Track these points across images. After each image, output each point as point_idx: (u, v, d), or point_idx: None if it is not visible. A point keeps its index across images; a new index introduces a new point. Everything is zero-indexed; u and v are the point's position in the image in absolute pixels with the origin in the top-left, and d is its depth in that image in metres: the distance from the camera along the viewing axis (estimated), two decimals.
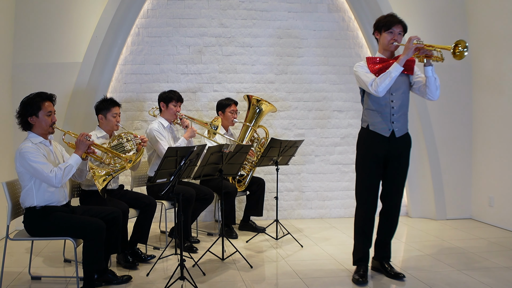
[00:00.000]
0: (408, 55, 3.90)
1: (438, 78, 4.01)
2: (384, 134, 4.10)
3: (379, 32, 4.16)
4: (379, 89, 3.94)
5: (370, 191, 4.19)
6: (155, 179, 4.05)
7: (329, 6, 6.71)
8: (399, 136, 4.12)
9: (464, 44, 3.70)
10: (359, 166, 4.26)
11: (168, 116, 5.39)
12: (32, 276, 4.28)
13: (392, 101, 4.08)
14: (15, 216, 4.01)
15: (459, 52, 3.71)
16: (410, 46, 3.87)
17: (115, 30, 6.13)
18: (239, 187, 5.80)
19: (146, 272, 4.38)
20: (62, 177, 3.82)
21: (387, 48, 4.11)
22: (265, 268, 4.57)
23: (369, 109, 4.18)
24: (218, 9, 6.53)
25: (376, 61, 4.11)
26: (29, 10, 5.98)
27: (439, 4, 6.56)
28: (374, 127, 4.14)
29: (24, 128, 3.98)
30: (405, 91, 4.13)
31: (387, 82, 3.92)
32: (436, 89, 4.02)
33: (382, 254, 4.35)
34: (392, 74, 3.91)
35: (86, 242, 3.85)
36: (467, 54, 3.71)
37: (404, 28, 4.12)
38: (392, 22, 4.08)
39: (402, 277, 4.17)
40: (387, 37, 4.08)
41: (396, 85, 4.06)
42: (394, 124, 4.09)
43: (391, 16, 4.14)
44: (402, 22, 4.11)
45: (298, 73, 6.70)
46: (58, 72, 6.01)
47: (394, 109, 4.08)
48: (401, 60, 3.91)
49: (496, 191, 6.21)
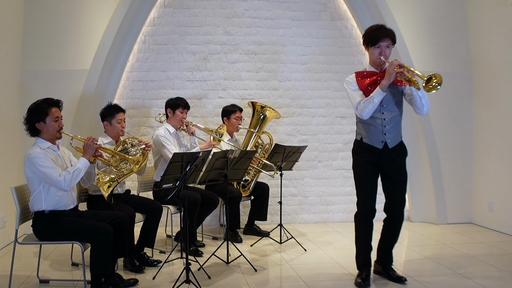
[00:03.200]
0: (390, 79, 3.87)
1: (425, 95, 3.97)
2: (377, 146, 4.10)
3: (367, 46, 4.13)
4: (363, 114, 3.99)
5: (368, 196, 4.19)
6: (161, 184, 4.07)
7: (332, 14, 6.76)
8: (392, 146, 4.11)
9: (440, 79, 3.64)
10: (356, 173, 4.27)
11: (175, 123, 5.43)
12: (40, 280, 4.30)
13: (383, 113, 4.07)
14: (23, 221, 4.02)
15: (431, 85, 3.66)
16: (390, 71, 3.85)
17: (122, 38, 6.18)
18: (243, 192, 5.83)
19: (152, 275, 4.40)
20: (71, 180, 3.83)
21: (376, 62, 4.10)
22: (269, 272, 4.59)
23: (362, 122, 4.18)
24: (223, 17, 6.58)
25: (364, 74, 4.11)
26: (37, 18, 6.04)
27: (440, 12, 6.60)
28: (367, 139, 4.15)
29: (32, 134, 4.00)
30: (397, 103, 4.11)
31: (370, 107, 3.95)
32: (423, 106, 4.00)
33: (384, 259, 4.35)
34: (375, 99, 3.92)
35: (93, 246, 3.86)
36: (438, 89, 3.65)
37: (392, 40, 4.06)
38: (378, 37, 4.02)
39: (404, 280, 4.18)
40: (375, 53, 4.06)
41: (387, 98, 4.05)
42: (387, 136, 4.08)
43: (378, 29, 4.06)
44: (390, 35, 4.04)
45: (301, 80, 6.75)
46: (66, 79, 6.06)
47: (385, 121, 4.07)
48: (383, 86, 3.90)
49: (496, 196, 6.24)
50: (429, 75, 3.68)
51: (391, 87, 4.06)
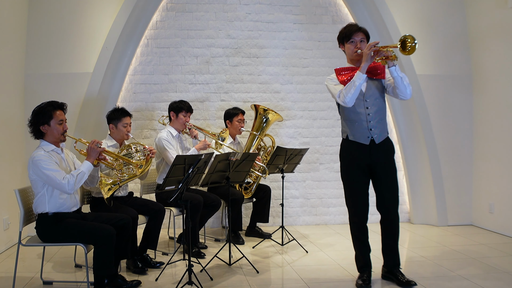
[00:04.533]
0: (368, 61, 3.87)
1: (405, 76, 3.95)
2: (364, 142, 4.07)
3: (343, 44, 4.16)
4: (346, 100, 3.93)
5: (359, 200, 4.17)
6: (164, 186, 4.08)
7: (333, 17, 6.79)
8: (379, 142, 4.08)
9: (411, 37, 3.67)
10: (345, 177, 4.25)
11: (177, 126, 5.46)
12: (44, 281, 4.32)
13: (367, 107, 4.05)
14: (27, 223, 4.03)
15: (409, 47, 3.68)
16: (367, 52, 3.85)
17: (125, 41, 6.21)
18: (245, 194, 5.84)
19: (155, 277, 4.41)
20: (75, 183, 3.85)
21: (353, 57, 4.10)
22: (271, 273, 4.61)
23: (346, 120, 4.17)
24: (225, 20, 6.61)
25: (343, 72, 4.10)
26: (41, 22, 6.07)
27: (441, 16, 6.64)
28: (353, 136, 4.12)
29: (36, 136, 4.01)
30: (379, 97, 4.10)
31: (352, 91, 3.90)
32: (406, 88, 3.94)
33: (390, 261, 4.28)
34: (356, 82, 3.88)
35: (96, 248, 3.87)
36: (416, 45, 3.67)
37: (366, 34, 4.10)
38: (351, 31, 4.07)
39: (413, 284, 4.09)
40: (350, 47, 4.08)
41: (369, 92, 4.06)
42: (373, 131, 4.05)
43: (350, 25, 4.14)
44: (362, 29, 4.09)
45: (303, 83, 6.78)
46: (70, 82, 6.08)
47: (370, 116, 4.05)
48: (362, 68, 3.88)
49: (496, 198, 6.26)
50: (400, 39, 3.71)
51: (373, 81, 4.06)
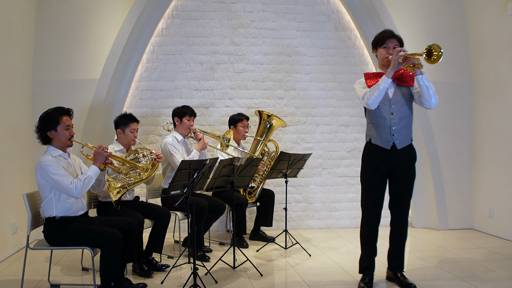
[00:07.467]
0: (395, 66, 3.91)
1: (432, 85, 3.99)
2: (385, 146, 4.10)
3: (376, 49, 4.21)
4: (369, 102, 3.98)
5: (374, 203, 4.21)
6: (169, 191, 4.11)
7: (336, 25, 6.84)
8: (400, 148, 4.10)
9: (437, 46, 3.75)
10: (363, 179, 4.27)
11: (182, 130, 5.50)
12: (51, 284, 4.36)
13: (392, 113, 4.08)
14: (35, 227, 4.07)
15: (435, 56, 3.76)
16: (395, 58, 3.89)
17: (131, 48, 6.27)
18: (249, 199, 5.87)
19: (161, 280, 4.44)
20: (82, 188, 3.90)
21: (385, 63, 4.14)
22: (274, 276, 4.63)
23: (371, 123, 4.21)
24: (229, 28, 6.66)
25: (373, 75, 4.14)
26: (48, 29, 6.14)
27: (441, 22, 6.69)
28: (375, 140, 4.16)
29: (44, 142, 4.05)
30: (406, 104, 4.12)
31: (376, 94, 3.95)
32: (431, 98, 3.99)
33: (395, 264, 4.34)
34: (380, 86, 3.93)
35: (103, 251, 3.90)
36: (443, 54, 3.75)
37: (399, 41, 4.15)
38: (385, 37, 4.13)
39: (413, 287, 4.14)
40: (382, 52, 4.14)
41: (396, 98, 4.09)
42: (395, 137, 4.08)
43: (385, 31, 4.19)
44: (396, 36, 4.15)
45: (306, 89, 6.82)
46: (76, 88, 6.14)
47: (394, 122, 4.07)
48: (388, 72, 3.93)
49: (496, 202, 6.30)
50: (425, 48, 3.78)
51: (401, 88, 4.10)
